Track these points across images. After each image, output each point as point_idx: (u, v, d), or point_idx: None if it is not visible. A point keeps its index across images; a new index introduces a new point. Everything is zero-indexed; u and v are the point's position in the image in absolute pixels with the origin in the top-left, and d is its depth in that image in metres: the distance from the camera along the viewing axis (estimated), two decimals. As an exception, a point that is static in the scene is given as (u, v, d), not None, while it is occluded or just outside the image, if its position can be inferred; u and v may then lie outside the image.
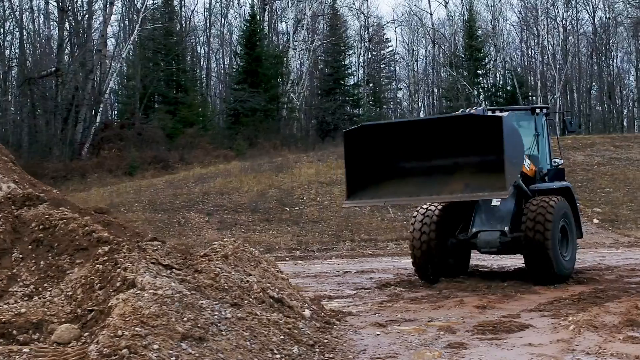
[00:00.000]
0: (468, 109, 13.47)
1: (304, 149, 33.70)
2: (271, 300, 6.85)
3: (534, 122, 12.78)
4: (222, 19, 55.45)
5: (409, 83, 61.70)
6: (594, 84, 55.23)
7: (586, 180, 26.38)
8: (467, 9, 55.96)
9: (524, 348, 6.27)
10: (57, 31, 36.39)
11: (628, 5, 52.65)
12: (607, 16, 54.04)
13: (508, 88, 52.50)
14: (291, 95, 42.97)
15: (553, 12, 52.71)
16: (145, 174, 27.23)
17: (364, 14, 59.45)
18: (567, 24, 53.31)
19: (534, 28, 52.14)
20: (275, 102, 42.32)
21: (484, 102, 51.40)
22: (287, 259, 18.29)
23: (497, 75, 56.25)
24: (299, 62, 47.07)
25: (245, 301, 6.42)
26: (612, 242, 21.52)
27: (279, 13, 51.15)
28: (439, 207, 11.95)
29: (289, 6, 45.74)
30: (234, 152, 31.32)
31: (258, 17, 46.87)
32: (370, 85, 57.67)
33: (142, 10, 35.28)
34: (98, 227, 6.80)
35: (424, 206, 12.10)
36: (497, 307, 8.94)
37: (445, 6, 57.30)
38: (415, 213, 12.18)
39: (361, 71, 57.47)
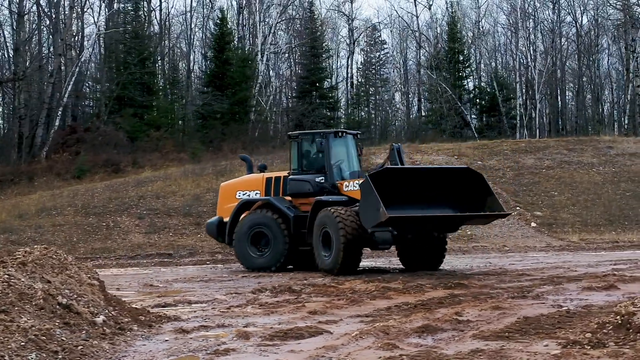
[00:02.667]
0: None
1: (267, 152, 33.71)
2: (57, 307, 6.92)
3: (355, 144, 15.66)
4: (205, 21, 55.60)
5: (391, 86, 61.65)
6: (580, 86, 55.20)
7: (532, 184, 26.45)
8: (450, 12, 56.00)
9: (283, 354, 6.33)
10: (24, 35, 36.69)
11: (610, 7, 52.66)
12: (595, 19, 54.00)
13: (489, 91, 52.49)
14: (259, 98, 43.05)
15: (536, 14, 52.59)
16: (94, 177, 27.33)
17: (347, 16, 59.58)
18: (554, 26, 53.27)
19: (520, 30, 51.96)
20: (243, 106, 42.40)
21: (466, 105, 51.36)
22: (207, 262, 18.41)
23: (485, 77, 56.17)
24: (269, 65, 47.21)
25: (17, 308, 6.48)
26: (544, 246, 21.58)
27: (256, 17, 51.24)
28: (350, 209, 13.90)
29: (257, 10, 45.79)
30: (188, 155, 31.41)
31: (229, 20, 47.08)
32: (354, 87, 57.80)
33: (104, 14, 35.36)
34: None
35: (339, 207, 14.02)
36: (330, 312, 8.99)
37: (429, 9, 57.27)
38: (337, 213, 13.85)
39: (346, 74, 57.59)
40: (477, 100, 53.01)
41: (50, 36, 37.29)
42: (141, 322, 7.91)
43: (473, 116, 53.36)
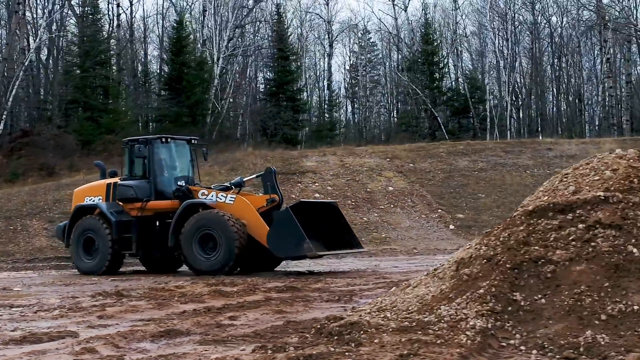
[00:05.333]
0: None
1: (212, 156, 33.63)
2: None
3: (189, 150, 16.39)
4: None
5: (364, 88, 61.72)
6: (558, 88, 55.39)
7: (460, 186, 26.48)
8: (423, 13, 56.20)
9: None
10: None
11: (583, 10, 52.77)
12: (576, 20, 54.02)
13: (462, 92, 52.52)
14: (214, 101, 43.13)
15: (512, 16, 52.53)
16: (27, 181, 27.40)
17: (323, 19, 59.73)
18: (532, 27, 53.25)
19: (497, 32, 51.96)
20: (200, 109, 42.48)
21: (441, 107, 51.31)
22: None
23: (459, 79, 56.21)
24: (228, 68, 47.36)
25: None
26: (455, 248, 21.52)
27: (212, 19, 51.37)
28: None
29: (214, 12, 45.91)
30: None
31: (191, 23, 47.34)
32: (330, 89, 58.20)
33: (46, 17, 35.46)
34: None
35: (227, 213, 14.89)
36: (119, 316, 9.01)
37: (405, 10, 57.35)
38: (231, 221, 14.71)
39: (327, 76, 58.13)
40: (450, 101, 53.00)
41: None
42: None
43: (448, 118, 53.31)
